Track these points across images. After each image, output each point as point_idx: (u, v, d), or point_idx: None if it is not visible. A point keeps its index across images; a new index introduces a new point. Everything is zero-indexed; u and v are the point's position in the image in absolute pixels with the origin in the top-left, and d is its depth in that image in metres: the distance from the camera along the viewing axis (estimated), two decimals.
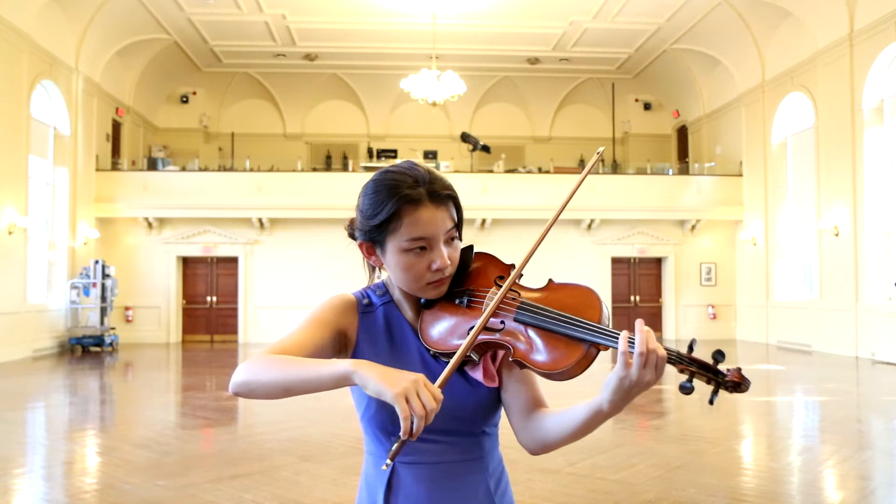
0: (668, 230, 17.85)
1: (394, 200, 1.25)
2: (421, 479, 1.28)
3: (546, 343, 1.21)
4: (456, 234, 1.30)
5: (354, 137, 20.39)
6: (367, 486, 1.34)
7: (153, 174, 17.08)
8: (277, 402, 8.50)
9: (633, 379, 1.11)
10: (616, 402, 1.15)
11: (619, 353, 1.12)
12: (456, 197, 1.30)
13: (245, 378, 1.16)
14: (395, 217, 1.25)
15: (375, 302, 1.36)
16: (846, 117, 13.45)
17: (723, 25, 16.24)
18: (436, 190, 1.26)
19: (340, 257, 17.13)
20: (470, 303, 1.31)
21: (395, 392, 1.04)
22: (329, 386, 1.11)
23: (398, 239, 1.26)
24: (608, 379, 1.14)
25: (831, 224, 13.90)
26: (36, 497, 4.71)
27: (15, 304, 12.99)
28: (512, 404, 1.33)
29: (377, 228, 1.27)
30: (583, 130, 20.59)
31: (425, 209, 1.25)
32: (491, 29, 16.97)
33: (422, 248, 1.26)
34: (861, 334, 13.00)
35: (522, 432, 1.32)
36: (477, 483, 1.30)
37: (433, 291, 1.31)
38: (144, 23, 16.13)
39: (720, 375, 1.13)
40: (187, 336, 17.54)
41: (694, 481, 4.87)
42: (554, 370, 1.19)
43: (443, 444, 1.29)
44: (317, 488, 4.72)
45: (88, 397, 9.53)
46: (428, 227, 1.25)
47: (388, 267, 1.31)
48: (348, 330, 1.32)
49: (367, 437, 1.35)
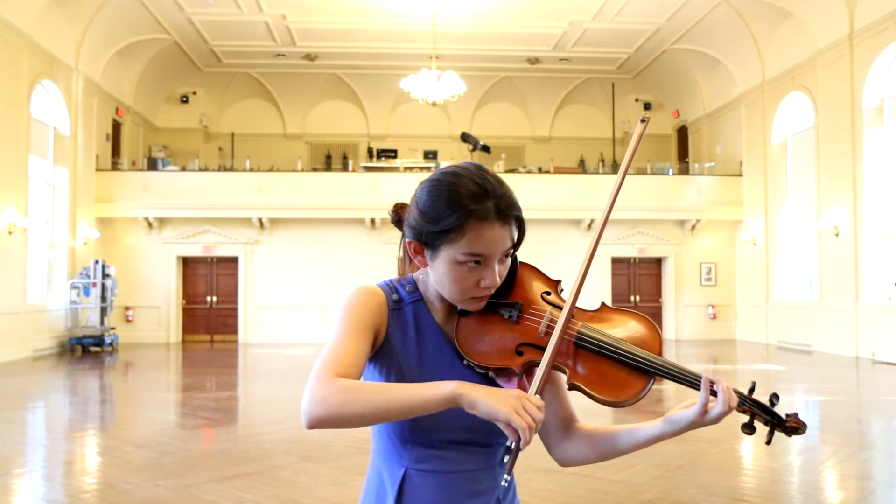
0: (668, 230, 17.85)
1: (461, 213, 1.19)
2: (434, 486, 1.27)
3: (607, 372, 1.22)
4: (511, 252, 1.26)
5: (354, 137, 20.39)
6: (377, 487, 1.32)
7: (153, 174, 17.08)
8: (277, 403, 8.51)
9: (706, 423, 1.22)
10: (680, 433, 1.25)
11: (700, 404, 1.21)
12: (521, 218, 1.26)
13: (334, 411, 1.10)
14: (458, 229, 1.20)
15: (405, 298, 1.31)
16: (846, 117, 13.45)
17: (723, 25, 16.24)
18: (502, 208, 1.21)
19: (341, 257, 17.17)
20: (520, 318, 1.28)
21: (506, 411, 1.07)
22: (433, 410, 1.11)
23: (454, 250, 1.21)
24: (679, 418, 1.23)
25: (831, 224, 13.90)
26: (36, 497, 4.71)
27: (15, 304, 12.99)
28: (550, 421, 1.35)
29: (434, 234, 1.22)
30: (583, 130, 20.59)
31: (489, 227, 1.20)
32: (491, 29, 16.97)
33: (476, 262, 1.22)
34: (861, 334, 13.00)
35: (560, 449, 1.36)
36: (487, 491, 1.29)
37: (473, 305, 1.27)
38: (144, 23, 16.13)
39: (778, 419, 1.23)
40: (187, 336, 17.54)
41: (694, 481, 4.87)
42: (615, 399, 1.21)
43: (459, 452, 1.27)
44: (317, 488, 4.72)
45: (88, 397, 9.53)
46: (489, 245, 1.21)
47: (435, 272, 1.26)
48: (381, 327, 1.27)
49: (379, 441, 1.31)
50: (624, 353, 1.22)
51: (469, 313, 1.29)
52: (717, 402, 1.20)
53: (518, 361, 1.24)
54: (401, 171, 17.66)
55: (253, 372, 12.49)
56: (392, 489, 1.28)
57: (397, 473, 1.28)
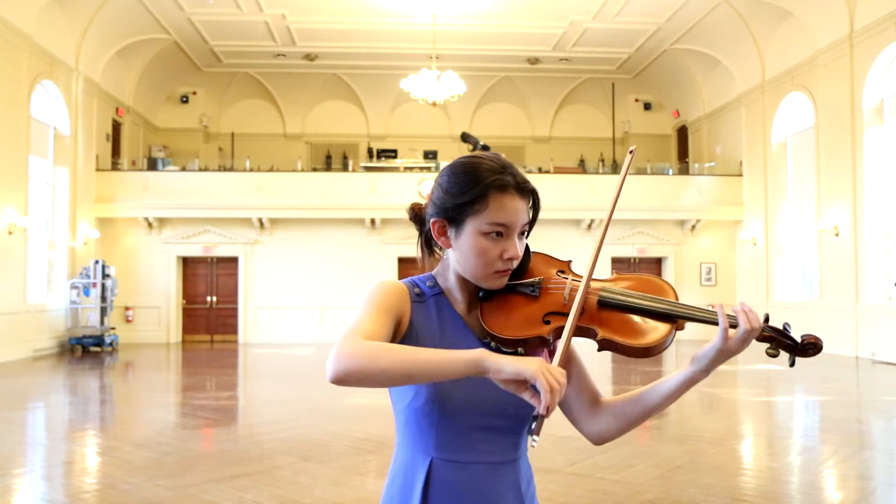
0: (668, 230, 17.85)
1: (484, 183, 1.27)
2: (458, 477, 1.28)
3: (632, 323, 1.28)
4: (527, 230, 1.34)
5: (354, 137, 20.40)
6: (402, 479, 1.31)
7: (153, 174, 17.08)
8: (277, 403, 8.51)
9: (731, 350, 1.24)
10: (708, 371, 1.27)
11: (721, 329, 1.22)
12: (537, 194, 1.34)
13: (360, 365, 1.12)
14: (482, 199, 1.27)
15: (426, 292, 1.35)
16: (846, 117, 13.45)
17: (723, 25, 16.25)
18: (521, 182, 1.30)
19: (340, 257, 17.17)
20: (542, 291, 1.34)
21: (532, 370, 1.09)
22: (458, 374, 1.13)
23: (479, 221, 1.27)
24: (704, 353, 1.26)
25: (831, 224, 13.90)
26: (36, 497, 4.71)
27: (15, 304, 12.99)
28: (574, 398, 1.38)
29: (459, 207, 1.29)
30: (583, 130, 20.59)
31: (510, 197, 1.28)
32: (491, 29, 16.97)
33: (499, 233, 1.28)
34: (861, 334, 13.00)
35: (591, 424, 1.38)
36: (510, 485, 1.32)
37: (496, 281, 1.32)
38: (144, 23, 16.13)
39: (795, 341, 1.27)
40: (187, 336, 17.54)
41: (694, 481, 4.87)
42: (645, 345, 1.26)
43: (487, 443, 1.29)
44: (317, 488, 4.72)
45: (88, 397, 9.53)
46: (511, 214, 1.28)
47: (459, 249, 1.31)
48: (403, 317, 1.30)
49: (406, 429, 1.32)
50: (645, 302, 1.29)
51: (490, 298, 1.34)
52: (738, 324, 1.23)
53: (546, 329, 1.28)
54: (401, 171, 17.66)
55: (253, 372, 12.49)
56: (419, 480, 1.29)
57: (423, 463, 1.29)
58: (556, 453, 5.45)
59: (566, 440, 5.77)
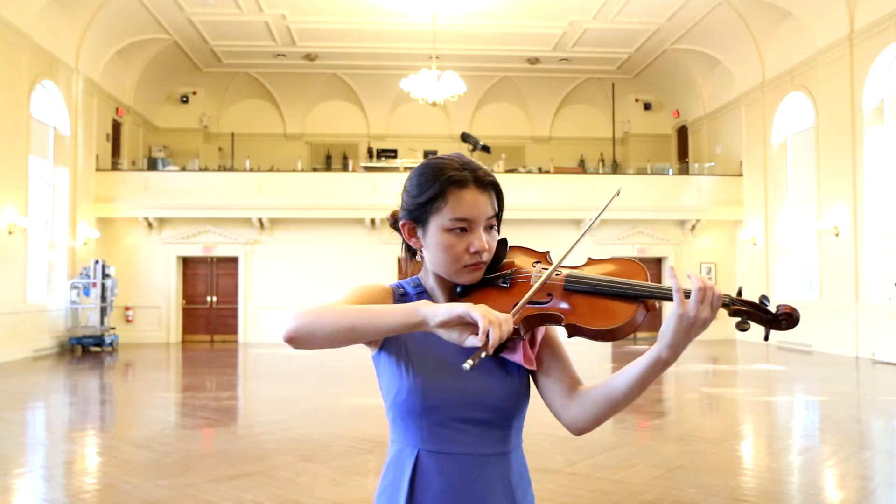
0: (668, 230, 17.86)
1: (441, 181, 1.31)
2: (446, 469, 1.30)
3: (598, 306, 1.28)
4: (495, 223, 1.36)
5: (354, 137, 20.40)
6: (394, 472, 1.34)
7: (153, 174, 17.08)
8: (277, 402, 8.51)
9: (690, 316, 1.18)
10: (675, 346, 1.20)
11: (675, 291, 1.19)
12: (499, 187, 1.36)
13: (307, 321, 1.17)
14: (441, 196, 1.30)
15: (410, 291, 1.40)
16: (846, 117, 13.45)
17: (723, 25, 16.25)
18: (481, 176, 1.33)
19: (341, 257, 17.17)
20: (513, 282, 1.36)
21: (466, 306, 1.11)
22: (396, 325, 1.15)
23: (441, 218, 1.31)
24: (665, 324, 1.21)
25: (831, 224, 13.90)
26: (36, 497, 4.71)
27: (15, 304, 12.99)
28: (553, 387, 1.37)
29: (422, 206, 1.32)
30: (583, 130, 20.59)
31: (470, 191, 1.31)
32: (491, 29, 16.97)
33: (462, 229, 1.31)
34: (861, 334, 13.00)
35: (568, 412, 1.35)
36: (499, 477, 1.32)
37: (468, 276, 1.34)
38: (144, 23, 16.13)
39: (770, 314, 1.22)
40: (187, 336, 17.54)
41: (694, 481, 4.87)
42: (609, 327, 1.24)
43: (473, 435, 1.31)
44: (317, 488, 4.72)
45: (88, 397, 9.53)
46: (471, 208, 1.30)
47: (428, 248, 1.34)
48: None
49: (394, 425, 1.35)
50: (609, 284, 1.28)
51: (467, 292, 1.37)
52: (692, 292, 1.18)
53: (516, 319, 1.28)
54: (401, 171, 17.65)
55: (253, 372, 12.48)
56: (407, 471, 1.31)
57: (410, 456, 1.31)
58: (556, 453, 5.45)
59: (566, 440, 5.77)
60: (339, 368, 11.48)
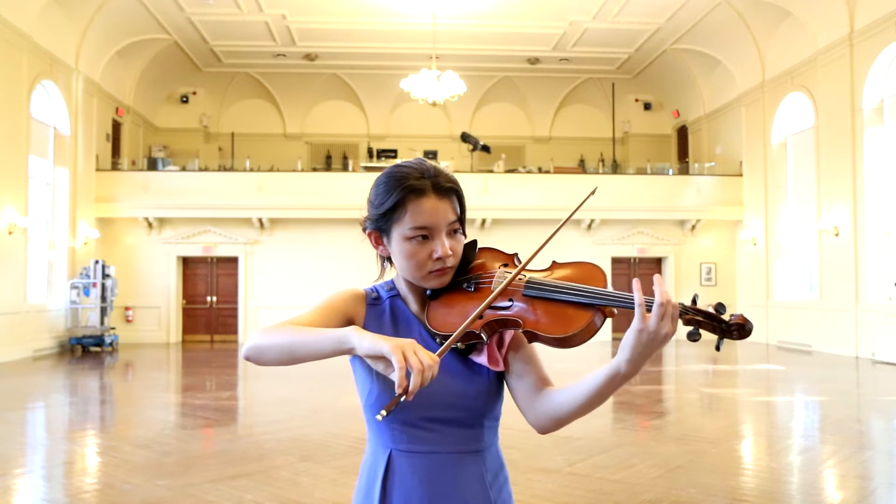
0: (668, 230, 17.85)
1: (399, 190, 1.31)
2: (417, 467, 1.31)
3: (555, 313, 1.27)
4: (458, 227, 1.36)
5: (354, 137, 20.40)
6: (368, 471, 1.37)
7: (153, 174, 17.08)
8: (277, 402, 8.51)
9: (650, 331, 1.14)
10: (635, 360, 1.17)
11: (637, 306, 1.15)
12: (459, 191, 1.37)
13: (256, 342, 1.22)
14: (400, 206, 1.31)
15: (383, 296, 1.42)
16: (846, 117, 13.45)
17: (723, 25, 16.25)
18: (440, 182, 1.33)
19: (341, 257, 17.16)
20: (477, 286, 1.36)
21: (390, 346, 1.11)
22: (329, 350, 1.17)
23: (402, 227, 1.32)
24: (625, 338, 1.18)
25: (831, 224, 13.90)
26: (36, 497, 4.71)
27: (15, 304, 12.99)
28: (519, 386, 1.37)
29: (383, 217, 1.34)
30: (583, 130, 20.59)
31: (428, 199, 1.31)
32: (491, 29, 16.97)
33: (424, 236, 1.32)
34: (861, 334, 13.00)
35: (532, 412, 1.36)
36: (472, 475, 1.33)
37: (435, 281, 1.36)
38: (144, 23, 16.13)
39: (723, 323, 1.19)
40: (187, 336, 17.54)
41: (694, 481, 4.87)
42: (563, 335, 1.24)
43: (443, 434, 1.32)
44: (317, 488, 4.72)
45: (88, 397, 9.53)
46: (430, 216, 1.31)
47: (394, 255, 1.37)
48: (356, 318, 1.37)
49: (368, 426, 1.39)
50: (565, 290, 1.27)
51: (437, 296, 1.38)
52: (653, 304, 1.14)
53: (478, 324, 1.29)
54: None
55: (253, 372, 12.48)
56: (380, 471, 1.33)
57: (383, 456, 1.33)
58: (556, 453, 5.45)
59: (566, 440, 5.77)
60: (340, 368, 11.44)
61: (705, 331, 1.20)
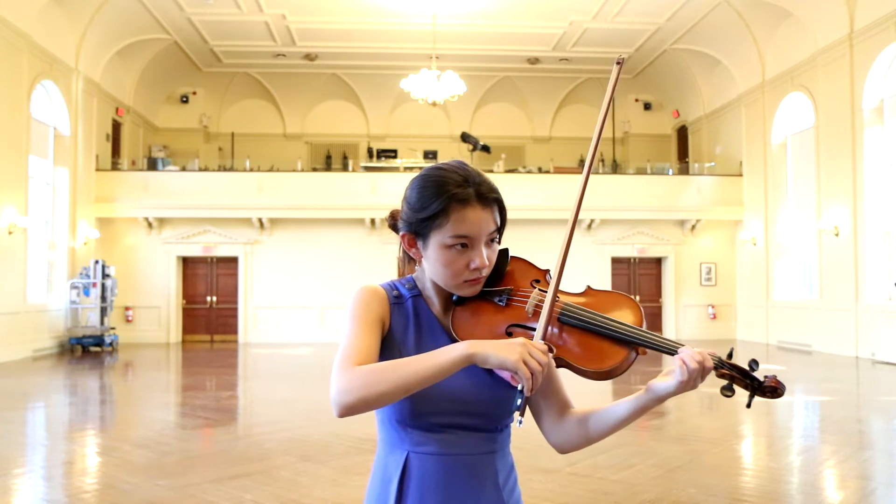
0: (668, 230, 17.85)
1: (444, 197, 1.29)
2: (434, 469, 1.31)
3: (589, 344, 1.28)
4: (496, 237, 1.35)
5: (354, 137, 20.40)
6: (382, 472, 1.37)
7: (153, 174, 17.08)
8: (277, 403, 8.51)
9: (689, 388, 1.25)
10: (663, 401, 1.29)
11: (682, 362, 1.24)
12: (501, 201, 1.36)
13: (360, 396, 1.18)
14: (443, 213, 1.29)
15: (405, 294, 1.39)
16: (846, 117, 13.45)
17: (723, 25, 16.24)
18: (483, 192, 1.32)
19: (340, 257, 17.17)
20: (509, 302, 1.36)
21: (514, 359, 1.15)
22: (450, 372, 1.19)
23: (442, 234, 1.30)
24: (663, 385, 1.26)
25: (831, 224, 13.90)
26: (36, 497, 4.71)
27: (15, 304, 12.99)
28: (543, 407, 1.41)
29: (423, 222, 1.31)
30: (583, 130, 20.57)
31: (472, 209, 1.30)
32: (491, 29, 16.97)
33: (463, 245, 1.30)
34: (861, 334, 13.00)
35: (556, 433, 1.41)
36: (487, 476, 1.34)
37: (468, 289, 1.35)
38: (144, 23, 16.13)
39: (757, 381, 1.25)
40: (187, 336, 17.54)
41: (694, 481, 4.87)
42: (599, 369, 1.26)
43: (460, 437, 1.32)
44: (317, 488, 4.72)
45: (88, 397, 9.53)
46: (472, 226, 1.30)
47: (428, 260, 1.35)
48: (385, 320, 1.35)
49: (383, 427, 1.37)
50: (604, 325, 1.28)
51: (463, 302, 1.37)
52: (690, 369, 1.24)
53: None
54: (401, 171, 17.66)
55: (253, 372, 12.48)
56: (395, 473, 1.33)
57: (399, 458, 1.33)
58: (555, 453, 5.45)
59: None
60: None
61: (738, 386, 1.26)
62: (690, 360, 1.23)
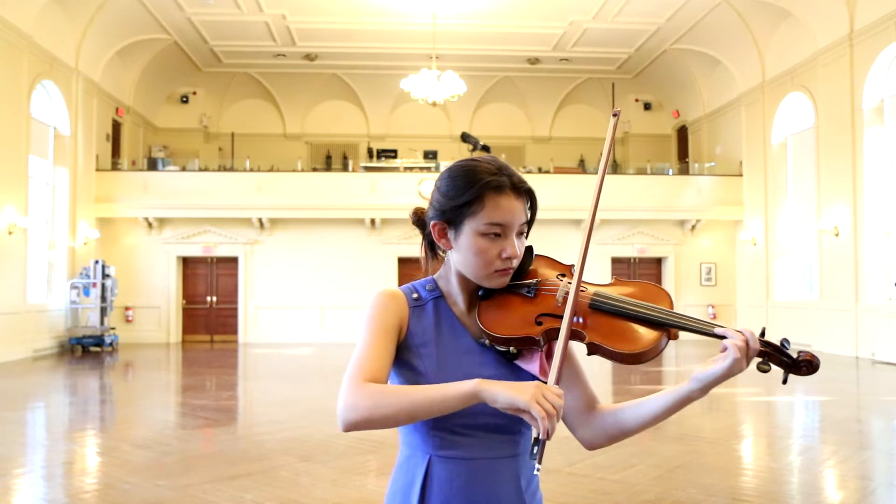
0: (668, 230, 17.85)
1: (479, 184, 1.30)
2: (456, 473, 1.31)
3: (622, 328, 1.28)
4: (526, 230, 1.36)
5: (354, 137, 20.40)
6: (404, 475, 1.36)
7: (153, 174, 17.08)
8: (277, 403, 8.51)
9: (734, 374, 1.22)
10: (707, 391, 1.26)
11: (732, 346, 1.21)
12: (534, 194, 1.37)
13: (365, 415, 1.19)
14: (478, 200, 1.30)
15: (424, 296, 1.38)
16: (846, 117, 13.45)
17: (723, 25, 16.24)
18: (516, 182, 1.33)
19: (340, 257, 17.17)
20: (538, 293, 1.36)
21: (526, 399, 1.13)
22: (456, 407, 1.19)
23: (476, 222, 1.30)
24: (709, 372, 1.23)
25: (831, 224, 13.90)
26: (36, 497, 4.71)
27: (15, 304, 12.99)
28: (571, 403, 1.40)
29: (457, 209, 1.32)
30: (583, 130, 20.58)
31: (506, 197, 1.31)
32: (491, 29, 16.97)
33: (497, 234, 1.31)
34: (861, 334, 13.00)
35: (585, 428, 1.41)
36: (509, 480, 1.34)
37: (497, 280, 1.35)
38: (144, 23, 16.13)
39: (792, 358, 1.24)
40: (187, 336, 17.54)
41: (694, 481, 4.87)
42: (632, 351, 1.25)
43: (483, 440, 1.32)
44: (317, 488, 4.72)
45: (88, 397, 9.53)
46: (507, 214, 1.31)
47: (459, 250, 1.34)
48: (403, 325, 1.34)
49: (405, 430, 1.36)
50: (637, 308, 1.29)
51: (489, 297, 1.36)
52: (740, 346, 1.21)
53: (538, 330, 1.30)
54: (401, 171, 17.66)
55: (253, 372, 12.48)
56: (419, 476, 1.32)
57: (423, 461, 1.32)
58: (556, 453, 5.44)
59: (566, 440, 5.76)
60: (340, 369, 11.46)
61: (773, 363, 1.25)
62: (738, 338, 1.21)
